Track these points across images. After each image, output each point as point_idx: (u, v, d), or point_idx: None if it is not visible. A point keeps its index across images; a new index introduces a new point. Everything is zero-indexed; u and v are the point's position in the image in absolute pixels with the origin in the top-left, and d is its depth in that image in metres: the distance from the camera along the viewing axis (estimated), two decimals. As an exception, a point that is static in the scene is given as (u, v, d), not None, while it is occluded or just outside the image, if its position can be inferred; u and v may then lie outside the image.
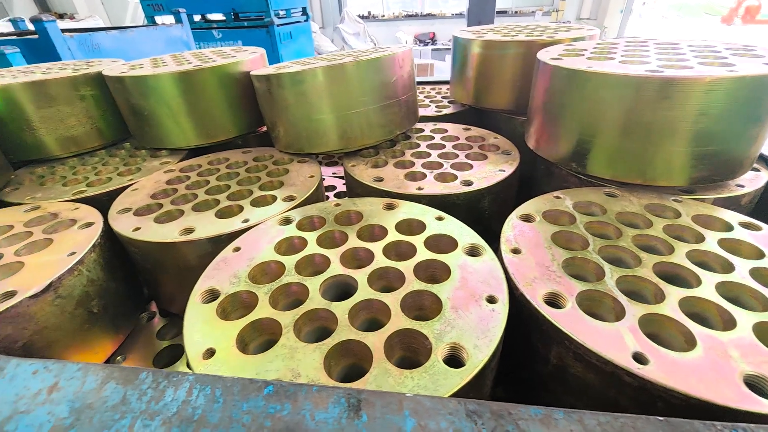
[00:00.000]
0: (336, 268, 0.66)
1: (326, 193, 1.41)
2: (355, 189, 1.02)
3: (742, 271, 0.61)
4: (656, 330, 0.54)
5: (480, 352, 0.49)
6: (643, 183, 0.84)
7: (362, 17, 10.37)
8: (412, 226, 0.77)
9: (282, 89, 1.04)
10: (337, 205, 0.85)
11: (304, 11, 6.63)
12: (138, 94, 1.12)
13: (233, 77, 1.18)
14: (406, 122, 1.17)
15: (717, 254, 0.65)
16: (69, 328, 0.72)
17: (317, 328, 0.58)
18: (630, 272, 0.61)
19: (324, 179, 1.52)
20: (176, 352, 0.85)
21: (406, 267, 0.65)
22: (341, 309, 0.57)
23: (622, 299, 0.56)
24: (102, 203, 0.94)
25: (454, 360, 0.50)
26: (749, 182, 0.86)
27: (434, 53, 8.69)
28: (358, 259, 0.70)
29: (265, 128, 1.38)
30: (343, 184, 1.49)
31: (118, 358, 0.83)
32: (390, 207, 0.84)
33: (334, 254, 0.69)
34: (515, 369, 0.67)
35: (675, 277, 0.62)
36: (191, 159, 1.16)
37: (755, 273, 0.60)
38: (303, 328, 0.57)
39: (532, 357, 0.60)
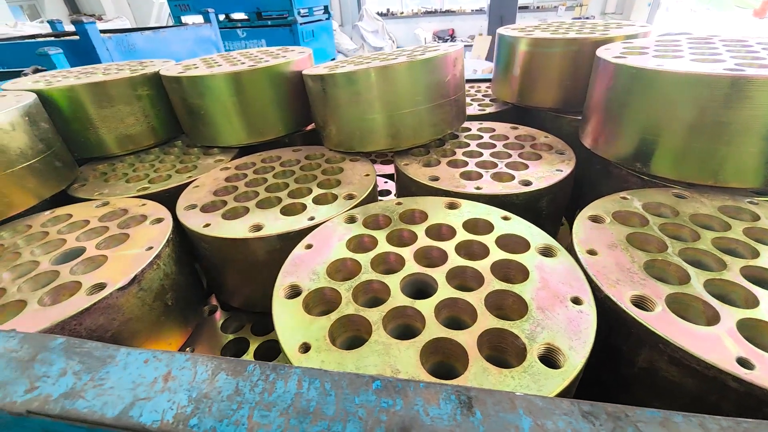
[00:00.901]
0: (411, 267, 0.66)
1: (369, 192, 1.41)
2: (409, 188, 1.02)
3: (837, 277, 0.59)
4: (755, 335, 0.53)
5: (576, 354, 0.49)
6: (714, 184, 0.82)
7: (381, 15, 10.36)
8: (478, 226, 0.77)
9: (336, 88, 1.05)
10: (399, 203, 0.86)
11: (326, 9, 6.66)
12: (195, 93, 1.15)
13: (284, 77, 1.20)
14: (456, 121, 1.17)
15: (807, 258, 0.63)
16: (148, 320, 0.75)
17: (401, 325, 0.59)
18: (717, 275, 0.60)
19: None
20: (241, 345, 0.87)
21: (482, 266, 0.65)
22: (426, 307, 0.58)
23: (714, 303, 0.55)
24: (165, 199, 0.97)
25: (550, 361, 0.50)
26: (828, 184, 0.83)
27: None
28: (430, 257, 0.70)
29: (310, 127, 1.40)
30: (384, 182, 1.50)
31: (188, 349, 0.86)
32: (452, 206, 0.84)
33: (406, 252, 0.70)
34: (592, 370, 0.66)
35: (764, 281, 0.61)
36: (244, 157, 1.18)
37: None
38: (388, 325, 0.57)
39: (615, 360, 0.60)
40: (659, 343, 0.51)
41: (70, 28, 3.79)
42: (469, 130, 1.28)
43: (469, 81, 1.81)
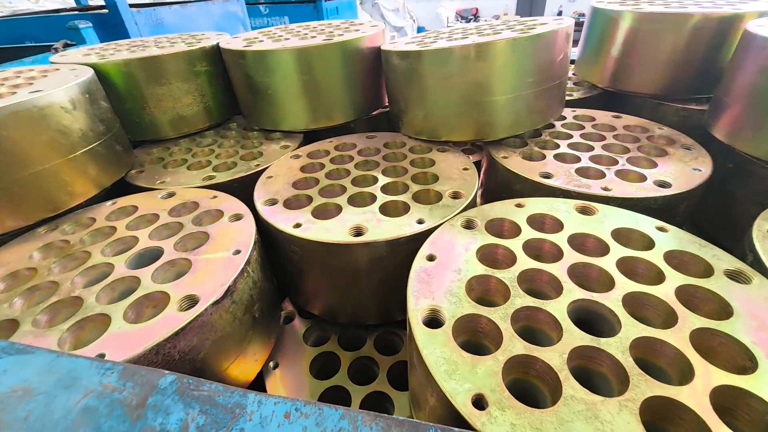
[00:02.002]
0: (572, 290, 0.54)
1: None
2: (512, 185, 0.89)
3: None
4: None
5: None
6: None
7: (404, -8, 9.94)
8: (632, 239, 0.64)
9: (430, 67, 0.91)
10: (519, 206, 0.73)
11: (354, -14, 6.38)
12: (262, 70, 1.02)
13: (360, 53, 1.06)
14: (559, 108, 1.03)
15: None
16: (237, 336, 0.64)
17: (582, 371, 0.47)
18: None
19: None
20: (331, 360, 0.77)
21: (665, 294, 0.52)
22: (615, 348, 0.45)
23: None
24: (234, 190, 0.86)
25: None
26: None
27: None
28: (586, 278, 0.58)
29: (376, 111, 1.26)
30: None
31: (271, 364, 0.76)
32: (586, 211, 0.71)
33: (557, 269, 0.57)
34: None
35: None
36: (314, 144, 1.06)
37: None
38: (570, 370, 0.45)
39: None
40: None
41: (95, 2, 3.66)
42: (564, 118, 1.12)
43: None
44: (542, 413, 0.39)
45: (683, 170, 0.82)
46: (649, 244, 0.62)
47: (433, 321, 0.51)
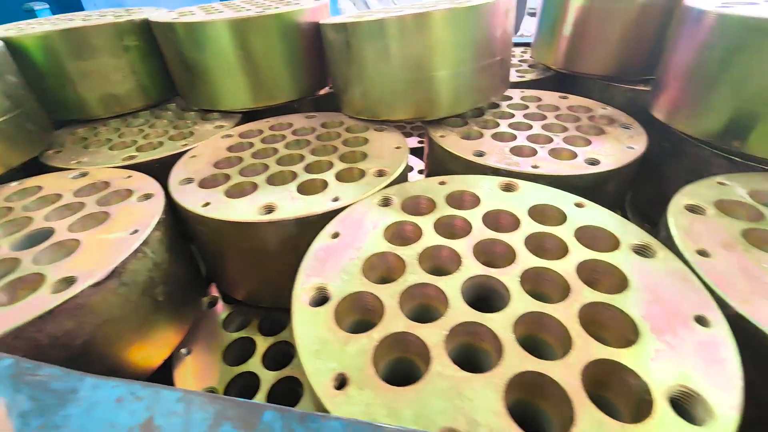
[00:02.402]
0: (471, 266, 0.51)
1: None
2: (446, 164, 0.86)
3: None
4: None
5: (726, 401, 0.35)
6: (838, 169, 0.66)
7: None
8: (548, 215, 0.62)
9: (363, 41, 0.87)
10: (443, 183, 0.70)
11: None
12: (192, 44, 0.97)
13: (298, 27, 1.01)
14: (501, 87, 1.00)
15: None
16: (134, 320, 0.60)
17: (461, 346, 0.44)
18: None
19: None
20: (247, 346, 0.73)
21: (564, 269, 0.50)
22: (498, 324, 0.43)
23: None
24: (155, 171, 0.81)
25: (686, 413, 0.35)
26: None
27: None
28: (492, 254, 0.55)
29: (323, 91, 1.22)
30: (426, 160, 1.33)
31: (182, 350, 0.72)
32: (509, 188, 0.68)
33: (462, 246, 0.54)
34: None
35: None
36: (250, 123, 1.01)
37: None
38: (449, 348, 0.43)
39: (757, 403, 0.46)
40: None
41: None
42: (511, 98, 1.10)
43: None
44: (403, 391, 0.37)
45: (616, 148, 0.80)
46: (562, 219, 0.60)
47: (320, 299, 0.48)
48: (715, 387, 0.36)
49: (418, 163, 1.38)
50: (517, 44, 1.60)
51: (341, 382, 0.38)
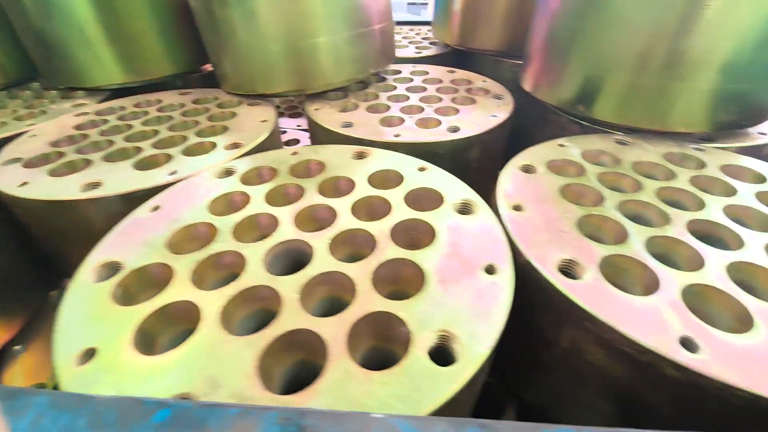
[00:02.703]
0: (287, 231, 0.50)
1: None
2: (319, 137, 0.84)
3: (790, 230, 0.49)
4: (700, 304, 0.42)
5: (478, 343, 0.36)
6: (658, 129, 0.71)
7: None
8: (387, 179, 0.62)
9: (226, 8, 0.82)
10: (295, 153, 0.68)
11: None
12: (40, 13, 0.87)
13: (163, -4, 0.93)
14: (381, 59, 0.98)
15: (757, 210, 0.53)
16: (-72, 316, 0.53)
17: (257, 312, 0.43)
18: (659, 232, 0.49)
19: (285, 132, 1.33)
20: (95, 337, 0.68)
21: (380, 229, 0.50)
22: (289, 285, 0.42)
23: (655, 265, 0.44)
24: (-10, 153, 0.73)
25: (444, 353, 0.36)
26: (775, 129, 0.75)
27: (410, 7, 8.07)
28: (317, 219, 0.54)
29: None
30: (309, 137, 1.30)
31: (16, 347, 0.66)
32: (361, 156, 0.67)
33: (285, 213, 0.53)
34: (509, 350, 0.55)
35: (713, 237, 0.50)
36: (111, 101, 0.93)
37: (807, 231, 0.49)
38: (235, 313, 0.41)
39: (534, 339, 0.48)
40: (585, 320, 0.39)
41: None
42: (400, 72, 1.09)
43: (409, 23, 1.61)
44: (152, 360, 0.35)
45: (481, 117, 0.82)
46: (398, 183, 0.59)
47: (107, 274, 0.44)
48: (476, 329, 0.37)
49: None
50: (421, 23, 1.60)
51: (89, 356, 0.35)
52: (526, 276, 0.46)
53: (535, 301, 0.46)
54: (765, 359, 0.34)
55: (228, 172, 0.62)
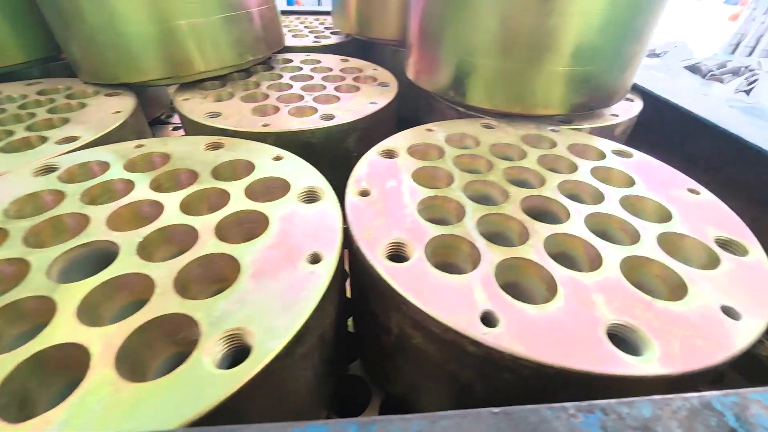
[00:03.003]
0: (96, 232, 0.44)
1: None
2: (187, 128, 0.78)
3: (612, 201, 0.53)
4: (516, 277, 0.43)
5: (274, 337, 0.33)
6: (522, 112, 0.73)
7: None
8: (236, 170, 0.57)
9: (61, -15, 0.72)
10: (140, 146, 0.61)
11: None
12: None
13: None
14: (262, 46, 0.93)
15: (588, 184, 0.56)
16: None
17: (31, 329, 0.37)
18: (494, 210, 0.50)
19: (169, 127, 1.23)
20: None
21: (205, 223, 0.46)
22: (69, 295, 0.36)
23: (481, 243, 0.44)
24: None
25: (236, 352, 0.33)
26: (624, 111, 0.81)
27: None
28: (139, 217, 0.48)
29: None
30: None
31: None
32: (217, 147, 0.62)
33: (100, 212, 0.47)
34: (366, 342, 0.54)
35: (544, 212, 0.52)
36: (-66, 92, 0.79)
37: (624, 202, 0.53)
38: (6, 331, 0.35)
39: (375, 327, 0.47)
40: (402, 304, 0.38)
41: None
42: (291, 61, 1.05)
43: (310, 12, 1.56)
44: None
45: (360, 104, 0.80)
46: (246, 174, 0.55)
47: None
48: (276, 324, 0.34)
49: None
50: (325, 13, 1.56)
51: None
52: (358, 262, 0.44)
53: (367, 287, 0.44)
54: (558, 326, 0.35)
55: (47, 170, 0.54)
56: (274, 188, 0.53)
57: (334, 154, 0.75)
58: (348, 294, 0.61)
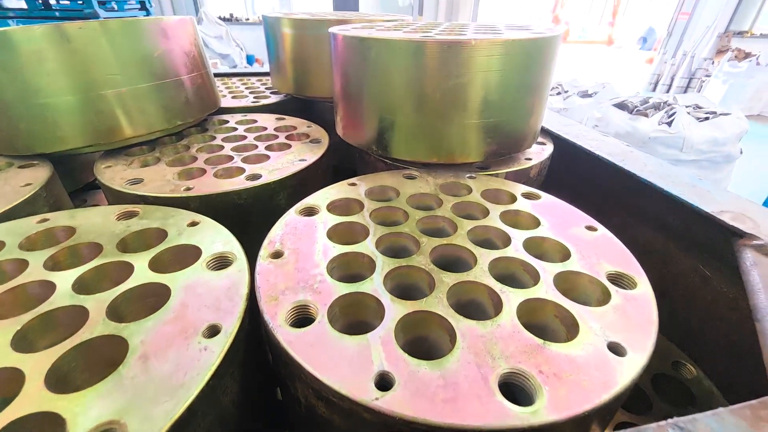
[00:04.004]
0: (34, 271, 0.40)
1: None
2: (107, 197, 0.75)
3: (517, 244, 0.55)
4: (423, 331, 0.43)
5: (151, 428, 0.31)
6: (439, 161, 0.77)
7: (224, 19, 9.55)
8: (146, 239, 0.56)
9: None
10: (44, 220, 0.58)
11: (143, 6, 5.75)
12: None
13: None
14: (194, 110, 0.95)
15: (497, 228, 0.59)
16: None
17: None
18: (404, 263, 0.51)
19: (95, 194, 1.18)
20: None
21: (99, 301, 0.43)
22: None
23: (386, 299, 0.45)
24: None
25: None
26: (536, 155, 0.88)
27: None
28: (25, 301, 0.45)
29: None
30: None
31: None
32: (129, 216, 0.61)
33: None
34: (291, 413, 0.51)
35: (455, 260, 0.54)
36: None
37: (529, 243, 0.55)
38: None
39: (288, 398, 0.45)
40: (301, 373, 0.37)
41: None
42: (227, 122, 1.07)
43: (253, 74, 1.62)
44: None
45: (288, 162, 0.82)
46: (159, 241, 0.54)
47: None
48: (154, 412, 0.32)
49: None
50: (266, 73, 1.63)
51: None
52: (265, 329, 0.43)
53: (275, 356, 0.43)
54: (452, 382, 0.35)
55: (-69, 254, 0.50)
56: (184, 257, 0.52)
57: (265, 213, 0.75)
58: (273, 359, 0.58)
